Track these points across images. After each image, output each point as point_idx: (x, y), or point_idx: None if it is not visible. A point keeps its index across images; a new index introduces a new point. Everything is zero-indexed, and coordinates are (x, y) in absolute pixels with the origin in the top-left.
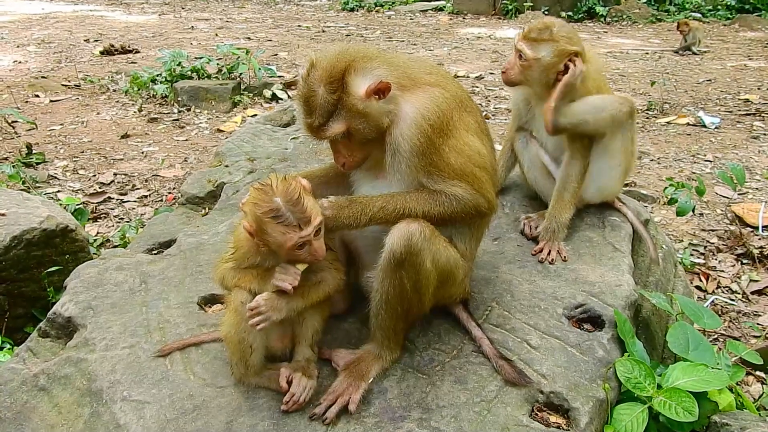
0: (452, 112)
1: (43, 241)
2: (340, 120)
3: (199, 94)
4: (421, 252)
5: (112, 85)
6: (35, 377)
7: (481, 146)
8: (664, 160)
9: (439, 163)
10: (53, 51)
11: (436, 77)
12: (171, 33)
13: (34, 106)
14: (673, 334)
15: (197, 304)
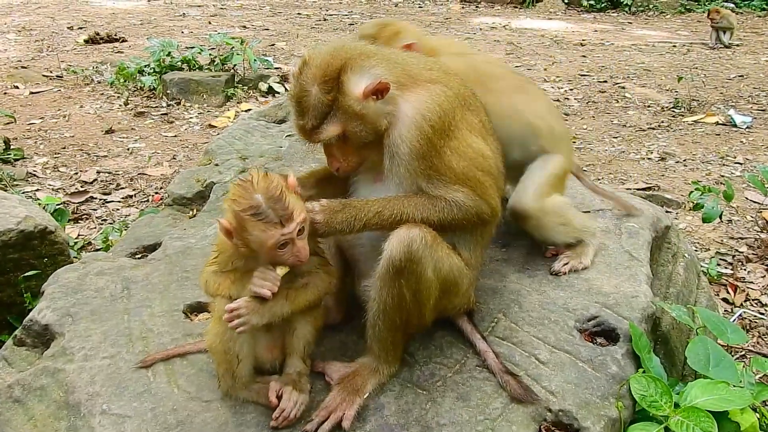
0: (454, 111)
1: (20, 243)
2: (335, 122)
3: (189, 86)
4: (421, 260)
5: (97, 77)
6: (9, 388)
7: (485, 148)
8: (691, 162)
9: (440, 166)
10: (34, 39)
11: (437, 74)
12: (160, 20)
13: (12, 98)
14: (693, 350)
15: (183, 312)
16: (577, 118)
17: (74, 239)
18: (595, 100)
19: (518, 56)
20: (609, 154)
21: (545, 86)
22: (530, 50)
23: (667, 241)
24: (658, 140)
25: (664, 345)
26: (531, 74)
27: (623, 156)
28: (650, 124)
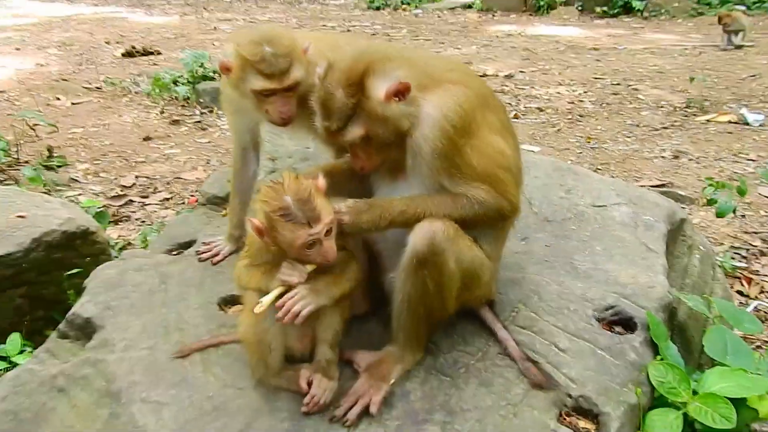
0: (475, 111)
1: (63, 243)
2: (359, 124)
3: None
4: (444, 252)
5: (134, 87)
6: (54, 378)
7: (505, 146)
8: (704, 159)
9: (461, 165)
10: (74, 53)
11: (458, 74)
12: (193, 34)
13: (55, 109)
14: (710, 338)
15: (217, 305)
16: (592, 120)
17: (115, 240)
18: (609, 102)
19: (534, 61)
20: (623, 153)
21: (560, 89)
22: (545, 55)
23: (683, 234)
24: (671, 139)
25: (681, 335)
26: (546, 78)
27: (637, 154)
28: (663, 123)
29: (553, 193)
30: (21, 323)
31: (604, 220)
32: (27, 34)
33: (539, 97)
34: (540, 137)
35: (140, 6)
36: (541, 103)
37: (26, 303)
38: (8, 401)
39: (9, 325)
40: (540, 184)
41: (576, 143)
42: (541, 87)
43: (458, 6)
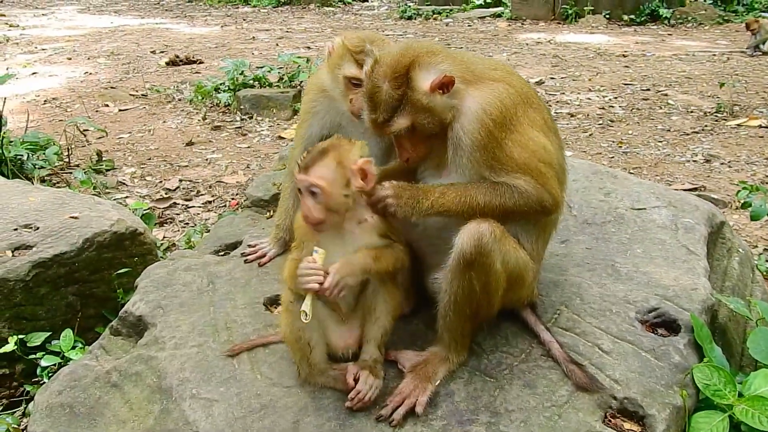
0: (516, 107)
1: (113, 243)
2: (405, 115)
3: (260, 102)
4: (491, 253)
5: (178, 95)
6: (108, 374)
7: (547, 142)
8: (735, 163)
9: (501, 156)
10: (121, 62)
11: (501, 73)
12: (233, 44)
13: (104, 115)
14: (755, 340)
15: (263, 305)
16: (623, 125)
17: (160, 241)
18: (639, 107)
19: (564, 68)
20: (655, 157)
21: (590, 95)
22: (575, 62)
23: (722, 237)
24: (702, 143)
25: (722, 337)
26: (576, 84)
27: (669, 159)
28: (694, 128)
29: (592, 196)
30: (73, 320)
31: (643, 223)
32: (77, 44)
33: (570, 102)
34: (572, 142)
35: (183, 18)
36: (572, 109)
37: (78, 301)
38: (64, 395)
39: (62, 321)
40: (579, 186)
41: (608, 148)
42: (571, 93)
43: (488, 15)
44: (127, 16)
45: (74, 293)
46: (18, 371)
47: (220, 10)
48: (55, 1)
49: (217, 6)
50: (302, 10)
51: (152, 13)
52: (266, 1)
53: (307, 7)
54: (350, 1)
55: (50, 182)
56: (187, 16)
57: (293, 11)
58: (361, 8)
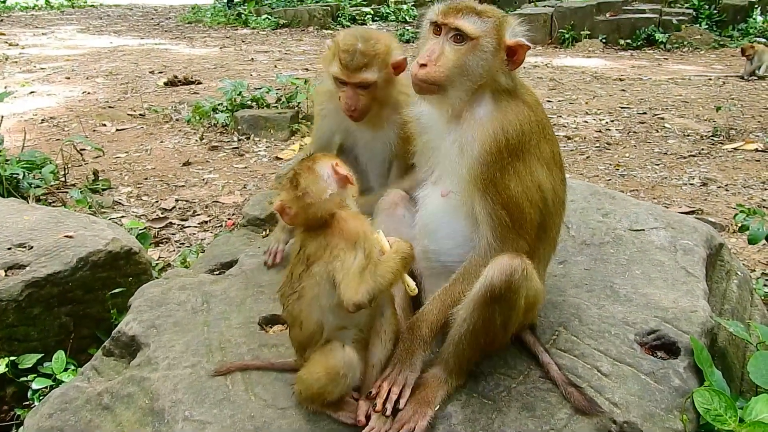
0: (532, 135)
1: (108, 262)
2: (475, 28)
3: (258, 122)
4: (519, 289)
5: (175, 115)
6: (99, 396)
7: (545, 180)
8: (732, 186)
9: (499, 182)
10: (120, 82)
11: (532, 99)
12: (232, 65)
13: (101, 135)
14: (755, 365)
15: (258, 324)
16: (620, 147)
17: (155, 260)
18: (636, 131)
19: (561, 91)
20: (652, 180)
21: (587, 118)
22: (572, 86)
23: (721, 259)
24: (699, 167)
25: (722, 360)
26: (573, 107)
27: (666, 182)
28: (690, 151)
29: (591, 217)
30: (66, 341)
31: (642, 244)
32: (76, 64)
33: (567, 125)
34: (569, 164)
35: (183, 39)
36: (569, 132)
37: (71, 321)
38: (55, 418)
39: (54, 342)
40: (577, 207)
41: (605, 170)
42: (568, 116)
43: None
44: (126, 37)
45: (67, 313)
46: (9, 394)
47: (219, 32)
48: (56, 21)
49: (217, 27)
50: (301, 32)
51: (151, 34)
52: (265, 24)
53: (305, 29)
54: (348, 24)
55: (46, 201)
56: (187, 37)
57: (292, 33)
58: None
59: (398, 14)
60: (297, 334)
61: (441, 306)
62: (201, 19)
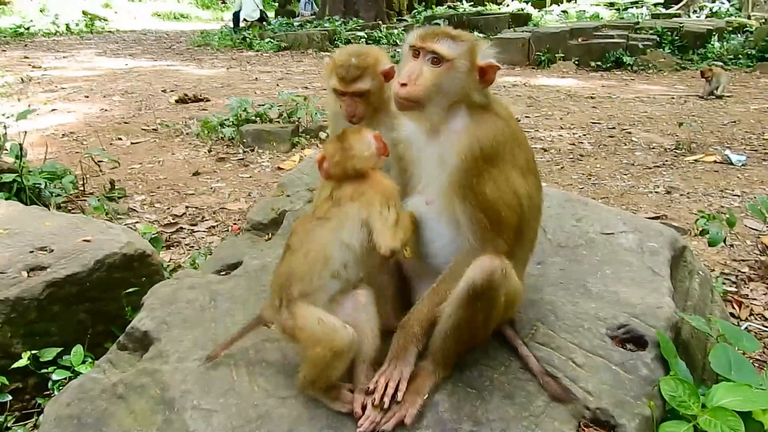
0: (506, 144)
1: (123, 264)
2: (450, 51)
3: (262, 136)
4: (499, 288)
5: (186, 129)
6: (114, 386)
7: (522, 185)
8: (694, 194)
9: (476, 187)
10: (134, 100)
11: (506, 113)
12: (237, 84)
13: (117, 148)
14: (716, 355)
15: None
16: (591, 159)
17: (167, 262)
18: (606, 144)
19: (537, 108)
20: (621, 189)
21: (562, 132)
22: (548, 103)
23: (684, 260)
24: (664, 177)
25: (685, 352)
26: (549, 122)
27: (633, 190)
28: (655, 162)
29: (566, 222)
30: (84, 336)
31: (612, 247)
32: (94, 84)
33: (543, 139)
34: (545, 174)
35: (192, 61)
36: (545, 144)
37: (89, 318)
38: (72, 407)
39: (73, 338)
40: (553, 213)
41: (578, 180)
42: (544, 130)
43: None
44: (141, 59)
45: (85, 311)
46: (31, 385)
47: (226, 54)
48: (75, 45)
49: (224, 50)
50: (301, 54)
51: (164, 56)
52: (268, 46)
53: (305, 51)
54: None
55: (66, 209)
56: (196, 59)
57: (293, 55)
58: None
59: (390, 38)
60: (293, 264)
61: (430, 304)
62: (209, 42)
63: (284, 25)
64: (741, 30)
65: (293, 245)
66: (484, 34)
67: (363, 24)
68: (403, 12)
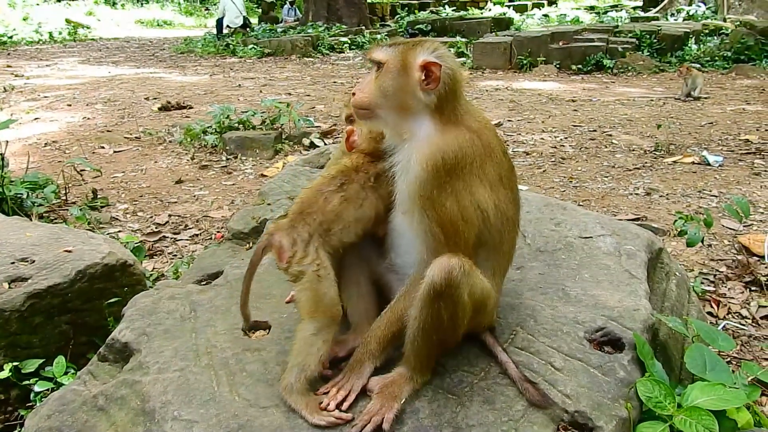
0: (474, 157)
1: (104, 274)
2: (386, 54)
3: (245, 143)
4: (460, 285)
5: (168, 137)
6: (95, 398)
7: (485, 199)
8: (672, 195)
9: (436, 200)
10: (117, 108)
11: (477, 125)
12: (220, 90)
13: (99, 157)
14: (691, 355)
15: (242, 330)
16: (573, 162)
17: (150, 272)
18: (587, 146)
19: (519, 112)
20: (601, 190)
21: (544, 136)
22: (529, 106)
23: (661, 262)
24: (643, 178)
25: (662, 353)
26: (531, 126)
27: (614, 192)
28: (635, 164)
29: (544, 226)
30: (66, 347)
31: (590, 250)
32: (77, 92)
33: (525, 142)
34: (527, 177)
35: (175, 68)
36: (527, 148)
37: (71, 329)
38: (53, 419)
39: (55, 349)
40: (532, 218)
41: (560, 182)
42: (526, 134)
43: None
44: (123, 67)
45: (67, 322)
46: (13, 397)
47: (209, 61)
48: (58, 54)
49: (207, 57)
50: (284, 60)
51: (147, 64)
52: (251, 53)
53: (288, 57)
54: (327, 53)
55: (48, 219)
56: (179, 66)
57: (276, 61)
58: (338, 59)
59: (373, 43)
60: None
61: (387, 322)
62: (192, 49)
63: (267, 31)
64: (717, 32)
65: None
66: (467, 38)
67: (346, 29)
68: (386, 17)
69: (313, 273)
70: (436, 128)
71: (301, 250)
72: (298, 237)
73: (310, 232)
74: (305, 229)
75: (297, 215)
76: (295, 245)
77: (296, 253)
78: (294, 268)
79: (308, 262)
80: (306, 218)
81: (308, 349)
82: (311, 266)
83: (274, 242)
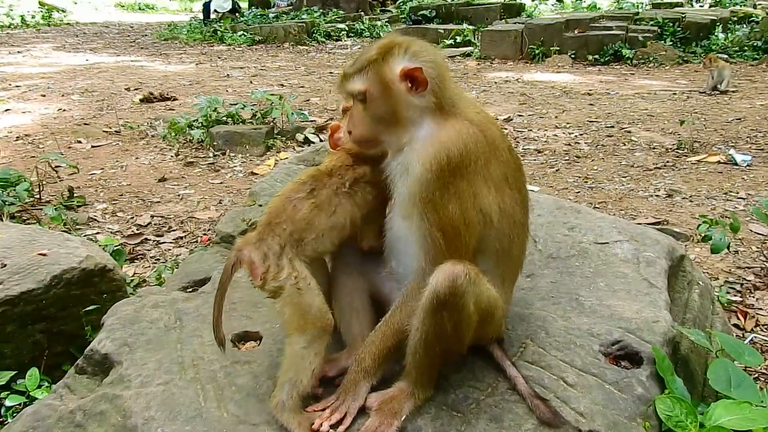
0: (479, 155)
1: (82, 280)
2: (364, 79)
3: (234, 138)
4: (465, 294)
5: (151, 131)
6: (72, 414)
7: (489, 201)
8: (696, 197)
9: (438, 202)
10: (95, 99)
11: (480, 118)
12: (207, 81)
13: (76, 152)
14: (715, 371)
15: (231, 341)
16: (588, 161)
17: (131, 277)
18: (604, 144)
19: (531, 106)
20: (619, 192)
21: (557, 132)
22: (542, 100)
23: (682, 270)
24: (665, 179)
25: (684, 368)
26: (543, 121)
27: (632, 194)
28: (656, 164)
29: (557, 231)
30: (40, 358)
31: (606, 257)
32: (52, 81)
33: (537, 139)
34: (539, 177)
35: (158, 56)
36: (539, 145)
37: (45, 338)
38: None
39: (29, 360)
40: (544, 221)
41: (574, 183)
42: (538, 130)
43: (458, 55)
44: (102, 54)
45: (41, 331)
46: None
47: (195, 48)
48: (31, 39)
49: (193, 44)
50: (276, 48)
51: (127, 51)
52: (241, 40)
53: (281, 45)
54: (323, 41)
55: (20, 219)
56: (162, 54)
57: (267, 50)
58: (335, 47)
59: (372, 30)
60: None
61: (382, 336)
62: (177, 36)
63: (258, 16)
64: (746, 20)
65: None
66: (474, 26)
67: (344, 15)
68: (386, 2)
69: (291, 287)
70: (438, 124)
71: (274, 265)
72: (269, 250)
73: (281, 243)
74: (275, 240)
75: (265, 227)
76: (266, 260)
77: (270, 268)
78: (270, 285)
79: (284, 276)
80: (275, 229)
81: (299, 363)
82: (288, 280)
83: (244, 258)
